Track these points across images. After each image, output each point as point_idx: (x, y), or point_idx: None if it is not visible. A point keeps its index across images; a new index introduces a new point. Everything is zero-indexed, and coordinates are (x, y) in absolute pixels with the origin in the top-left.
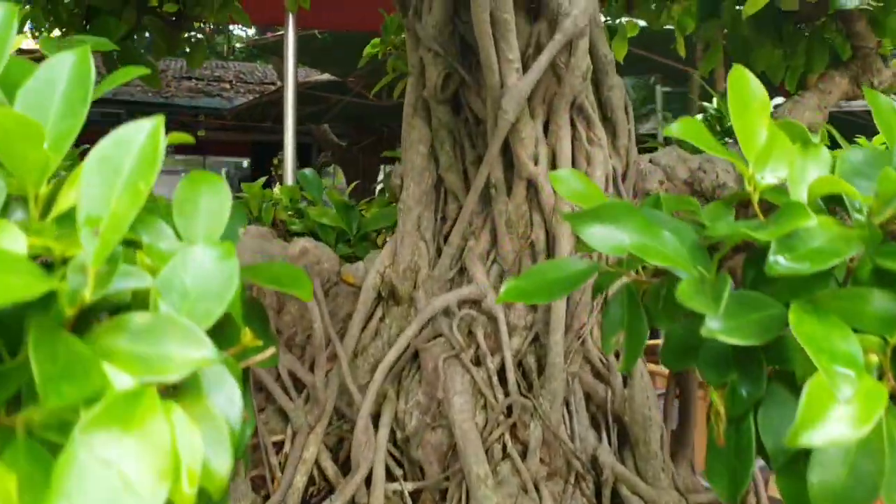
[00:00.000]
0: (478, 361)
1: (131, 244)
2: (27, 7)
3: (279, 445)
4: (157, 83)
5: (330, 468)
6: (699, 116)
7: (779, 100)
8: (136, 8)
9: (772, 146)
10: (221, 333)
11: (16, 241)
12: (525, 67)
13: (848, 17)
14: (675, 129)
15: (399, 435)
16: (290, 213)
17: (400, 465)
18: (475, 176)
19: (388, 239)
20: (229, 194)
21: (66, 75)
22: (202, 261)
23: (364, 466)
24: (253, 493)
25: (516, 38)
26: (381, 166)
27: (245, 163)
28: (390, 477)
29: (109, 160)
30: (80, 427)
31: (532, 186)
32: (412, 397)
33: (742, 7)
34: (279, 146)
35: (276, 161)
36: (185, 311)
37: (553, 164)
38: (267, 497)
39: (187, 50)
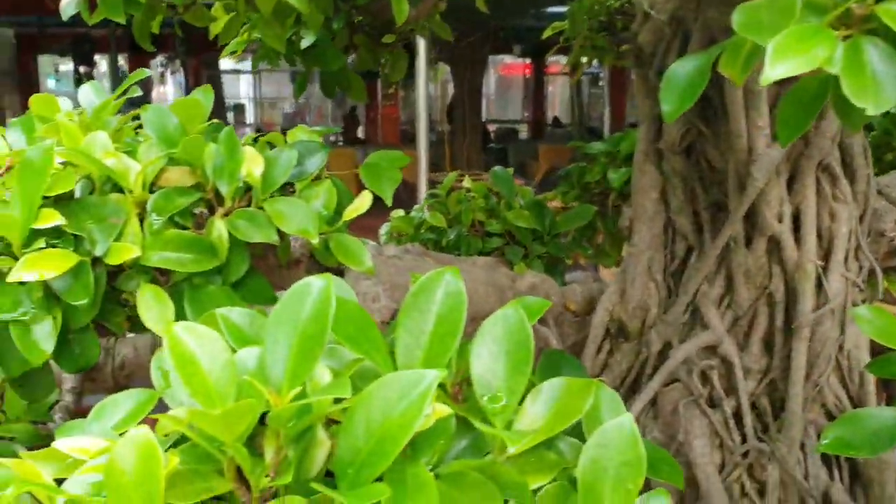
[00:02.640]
0: (712, 404)
1: None
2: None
3: None
4: (363, 97)
5: None
6: None
7: None
8: (348, 27)
9: None
10: None
11: None
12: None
13: None
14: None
15: None
16: (490, 213)
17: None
18: (707, 220)
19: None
20: None
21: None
22: None
23: None
24: None
25: (770, 93)
26: (490, 58)
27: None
28: None
29: None
30: None
31: (774, 241)
32: (649, 433)
33: None
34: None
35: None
36: None
37: (796, 221)
38: None
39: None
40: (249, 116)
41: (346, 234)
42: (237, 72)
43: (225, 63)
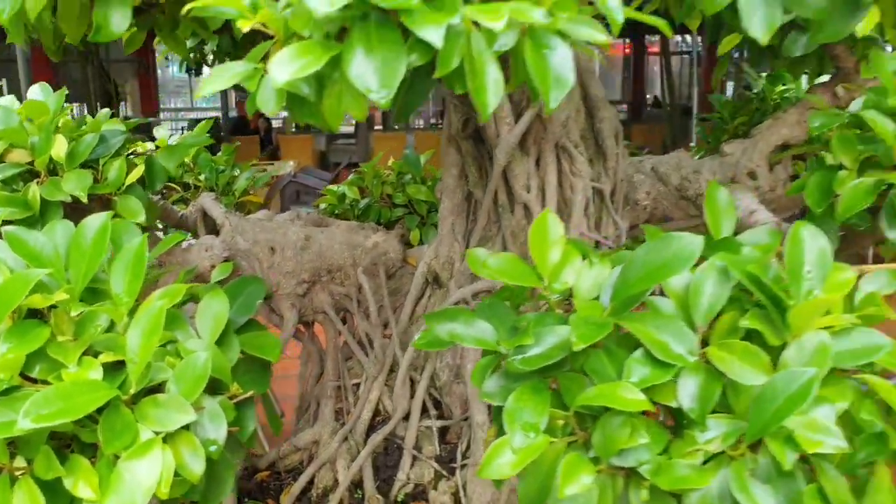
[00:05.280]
0: None
1: (171, 341)
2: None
3: (358, 386)
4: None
5: (389, 406)
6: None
7: None
8: None
9: (565, 262)
10: (220, 388)
11: (97, 372)
12: (522, 111)
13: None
14: (492, 264)
15: (437, 384)
16: (396, 188)
17: (437, 406)
18: (497, 192)
19: None
20: (227, 310)
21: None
22: (195, 361)
23: (400, 411)
24: (334, 421)
25: (514, 92)
26: None
27: None
28: (427, 415)
29: (143, 327)
30: (122, 459)
31: (527, 208)
32: (444, 359)
33: None
34: None
35: None
36: (183, 392)
37: (543, 191)
38: (343, 425)
39: None
40: None
41: (130, 197)
42: None
43: None
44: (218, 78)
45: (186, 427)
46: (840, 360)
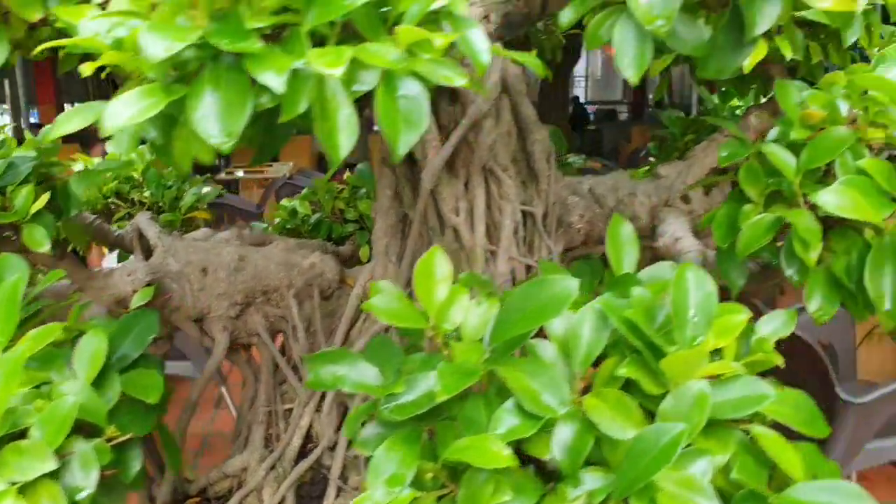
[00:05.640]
0: None
1: (46, 383)
2: None
3: (290, 411)
4: None
5: (321, 432)
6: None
7: None
8: None
9: (452, 300)
10: (97, 431)
11: None
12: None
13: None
14: (377, 303)
15: None
16: (349, 203)
17: None
18: (428, 214)
19: None
20: (105, 349)
21: None
22: (61, 405)
23: (326, 437)
24: (264, 448)
25: (442, 116)
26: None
27: None
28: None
29: (6, 369)
30: None
31: (457, 231)
32: None
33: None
34: None
35: None
36: (47, 438)
37: (471, 214)
38: (271, 451)
39: None
40: None
41: (36, 226)
42: None
43: None
44: (75, 117)
45: (54, 473)
46: (720, 411)
